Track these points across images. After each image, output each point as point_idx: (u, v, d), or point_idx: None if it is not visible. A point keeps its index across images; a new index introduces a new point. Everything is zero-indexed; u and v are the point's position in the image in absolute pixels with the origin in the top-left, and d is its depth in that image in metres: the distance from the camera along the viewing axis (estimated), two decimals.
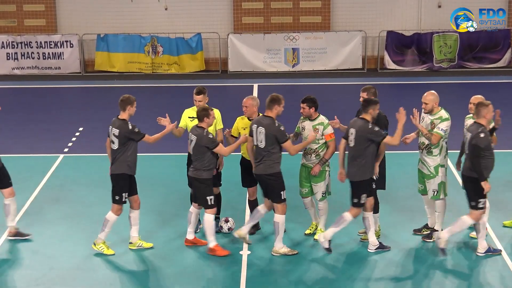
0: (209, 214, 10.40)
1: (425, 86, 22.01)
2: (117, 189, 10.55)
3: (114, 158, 10.49)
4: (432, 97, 10.57)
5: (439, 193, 10.69)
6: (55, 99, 21.76)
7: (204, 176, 10.35)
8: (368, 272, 10.06)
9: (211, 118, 10.31)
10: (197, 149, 10.29)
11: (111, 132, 10.44)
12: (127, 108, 10.45)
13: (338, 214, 10.46)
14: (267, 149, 10.16)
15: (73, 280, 9.95)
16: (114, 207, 10.57)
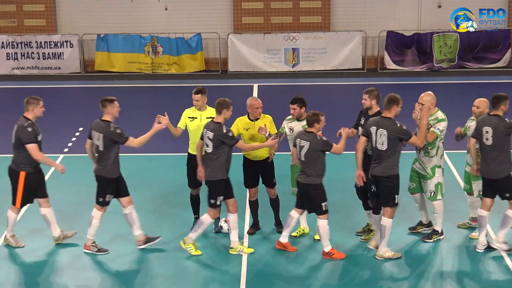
0: (323, 220, 10.23)
1: (425, 86, 22.04)
2: (214, 193, 10.33)
3: (209, 163, 10.22)
4: (429, 98, 10.56)
5: (436, 194, 10.69)
6: (55, 99, 21.75)
7: (318, 181, 10.17)
8: (368, 273, 10.07)
9: (321, 124, 10.11)
10: (310, 154, 10.05)
11: (205, 135, 10.15)
12: (222, 112, 10.18)
13: (336, 214, 10.46)
14: (389, 151, 10.00)
15: (71, 279, 9.95)
16: (211, 211, 10.35)
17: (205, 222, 10.44)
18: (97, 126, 10.38)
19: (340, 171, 12.81)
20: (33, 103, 10.52)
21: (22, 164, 10.48)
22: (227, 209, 10.49)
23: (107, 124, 10.29)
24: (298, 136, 10.16)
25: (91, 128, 10.44)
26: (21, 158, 10.50)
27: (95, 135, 10.35)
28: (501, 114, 10.12)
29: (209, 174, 10.28)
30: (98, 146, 10.35)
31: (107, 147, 10.29)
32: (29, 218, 12.03)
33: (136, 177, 13.96)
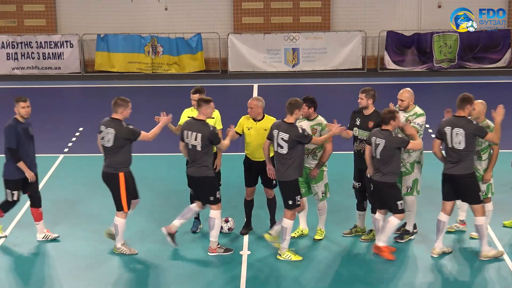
0: (396, 219, 10.11)
1: (425, 86, 22.15)
2: (292, 193, 10.19)
3: (283, 163, 10.07)
4: (408, 95, 10.60)
5: (412, 190, 10.70)
6: (55, 99, 21.76)
7: (393, 180, 10.11)
8: (368, 273, 10.06)
9: (397, 121, 10.06)
10: (386, 152, 9.96)
11: (278, 136, 10.04)
12: (294, 112, 10.08)
13: (336, 214, 10.46)
14: (466, 150, 9.98)
15: (73, 280, 9.95)
16: (288, 213, 10.18)
17: (288, 227, 10.21)
18: (279, 127, 10.12)
19: (340, 171, 12.80)
20: (122, 105, 10.41)
21: (120, 165, 10.30)
22: (285, 215, 10.25)
23: (293, 126, 10.05)
24: (373, 135, 10.08)
25: (276, 130, 10.16)
26: (118, 159, 10.29)
27: (284, 137, 10.09)
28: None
29: (285, 174, 10.10)
30: (282, 147, 10.05)
31: (290, 148, 10.03)
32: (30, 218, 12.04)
33: (136, 177, 13.95)
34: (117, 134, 10.25)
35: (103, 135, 10.33)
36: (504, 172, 12.43)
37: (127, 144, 10.31)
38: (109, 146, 10.28)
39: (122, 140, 10.23)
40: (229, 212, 11.72)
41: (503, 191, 12.63)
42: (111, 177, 10.34)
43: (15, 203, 10.94)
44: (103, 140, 10.33)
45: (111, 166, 10.33)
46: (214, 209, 10.37)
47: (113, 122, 10.37)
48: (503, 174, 12.93)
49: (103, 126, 10.38)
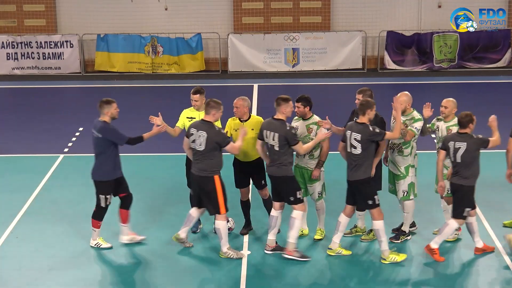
0: (454, 223, 10.13)
1: (425, 86, 22.14)
2: (370, 192, 10.13)
3: (355, 164, 10.04)
4: (405, 98, 10.60)
5: (409, 194, 10.70)
6: (55, 99, 21.77)
7: (472, 183, 10.07)
8: (367, 273, 10.07)
9: (474, 123, 10.03)
10: (468, 155, 9.91)
11: (351, 136, 9.98)
12: (366, 112, 10.02)
13: (336, 214, 10.44)
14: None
15: (73, 280, 9.95)
16: (375, 212, 10.10)
17: (381, 228, 10.14)
18: (352, 128, 10.07)
19: (340, 171, 12.79)
20: (215, 107, 10.11)
21: (214, 168, 10.11)
22: (372, 216, 10.17)
23: (366, 126, 9.99)
24: (451, 139, 10.03)
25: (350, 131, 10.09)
26: (212, 162, 10.09)
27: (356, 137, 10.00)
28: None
29: (362, 173, 10.04)
30: (355, 147, 10.01)
31: (364, 149, 10.01)
32: (30, 218, 12.05)
33: (136, 177, 13.97)
34: (209, 139, 10.03)
35: (194, 138, 10.12)
36: (503, 172, 12.43)
37: (216, 148, 10.09)
38: (201, 150, 10.09)
39: (213, 145, 10.03)
40: (229, 213, 11.69)
41: (503, 191, 12.64)
42: (206, 181, 10.16)
43: (107, 209, 10.69)
44: (194, 143, 10.13)
45: (204, 169, 10.11)
46: (296, 209, 10.26)
47: (204, 124, 10.12)
48: (504, 173, 12.93)
49: (194, 129, 10.14)
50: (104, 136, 10.30)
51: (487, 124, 10.26)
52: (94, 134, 10.40)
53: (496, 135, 10.14)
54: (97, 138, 10.37)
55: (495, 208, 11.91)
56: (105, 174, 10.48)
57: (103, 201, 10.59)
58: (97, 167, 10.52)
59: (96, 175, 10.57)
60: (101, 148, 10.39)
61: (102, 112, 10.38)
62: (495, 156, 10.23)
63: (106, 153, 10.37)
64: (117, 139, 10.37)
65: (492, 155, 12.14)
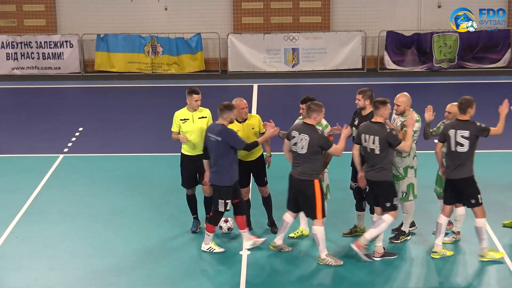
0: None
1: (425, 86, 22.14)
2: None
3: (459, 163, 9.97)
4: (404, 99, 10.57)
5: (408, 195, 10.69)
6: (55, 99, 21.76)
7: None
8: (367, 273, 10.06)
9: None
10: None
11: (457, 134, 9.89)
12: (467, 111, 9.98)
13: (336, 214, 10.45)
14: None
15: (73, 280, 9.95)
16: (479, 211, 10.08)
17: (483, 226, 10.12)
18: (457, 126, 10.01)
19: (340, 171, 12.78)
20: (316, 110, 10.02)
21: (314, 172, 10.01)
22: (475, 214, 10.13)
23: (471, 123, 9.97)
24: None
25: None
26: (313, 166, 9.99)
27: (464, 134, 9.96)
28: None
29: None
30: (463, 145, 9.97)
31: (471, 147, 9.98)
32: (30, 218, 12.04)
33: (136, 177, 13.97)
34: (311, 141, 9.91)
35: (295, 141, 10.03)
36: (505, 172, 12.47)
37: (320, 150, 10.00)
38: (303, 153, 9.98)
39: (315, 147, 9.93)
40: (229, 212, 11.70)
41: (502, 191, 12.64)
42: (306, 185, 10.03)
43: (223, 214, 10.52)
44: (295, 146, 10.02)
45: (304, 173, 9.99)
46: (392, 215, 10.17)
47: (307, 127, 10.02)
48: (504, 173, 12.96)
49: (296, 132, 10.05)
50: (224, 139, 10.10)
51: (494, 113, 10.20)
52: (212, 137, 10.19)
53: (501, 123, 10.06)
54: (216, 142, 10.15)
55: (495, 208, 11.90)
56: (226, 179, 10.27)
57: (221, 206, 10.33)
58: (218, 171, 10.25)
59: (216, 179, 10.31)
60: (221, 152, 10.16)
61: (221, 116, 10.20)
62: (495, 156, 10.23)
63: (225, 158, 10.15)
64: (236, 143, 10.15)
65: (492, 155, 12.14)
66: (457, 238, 10.87)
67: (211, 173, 10.38)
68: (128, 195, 13.00)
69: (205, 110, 11.14)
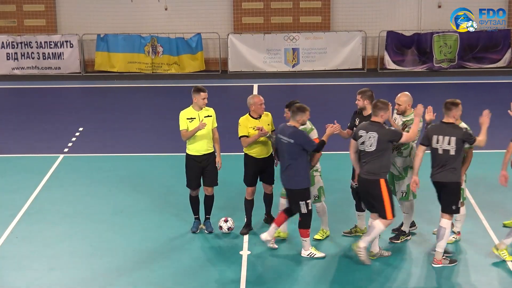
0: None
1: (425, 86, 22.14)
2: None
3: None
4: (405, 99, 10.59)
5: (408, 195, 10.70)
6: (55, 99, 21.76)
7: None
8: (367, 273, 10.06)
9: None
10: None
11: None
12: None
13: (336, 214, 10.45)
14: None
15: (73, 280, 9.95)
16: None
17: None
18: None
19: (340, 171, 12.80)
20: (383, 108, 9.98)
21: (381, 171, 9.97)
22: None
23: None
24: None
25: None
26: (381, 164, 9.96)
27: None
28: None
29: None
30: None
31: None
32: (30, 218, 12.04)
33: (136, 177, 13.98)
34: (381, 137, 9.91)
35: (363, 140, 9.98)
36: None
37: (389, 148, 10.00)
38: (371, 151, 9.93)
39: (385, 143, 9.92)
40: (229, 212, 11.73)
41: (503, 191, 12.63)
42: (372, 184, 9.98)
43: (312, 214, 10.35)
44: (363, 145, 9.97)
45: (371, 172, 9.95)
46: (448, 219, 10.13)
47: (374, 125, 9.99)
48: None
49: (363, 131, 10.00)
50: (296, 141, 10.04)
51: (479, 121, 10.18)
52: (284, 139, 10.14)
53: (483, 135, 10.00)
54: (288, 144, 10.10)
55: (495, 208, 11.91)
56: (304, 182, 10.21)
57: (304, 207, 10.23)
58: (292, 175, 10.16)
59: (292, 184, 10.22)
60: (293, 155, 10.10)
61: (293, 118, 10.14)
62: (495, 156, 10.22)
63: (298, 160, 10.11)
64: (308, 144, 10.10)
65: (492, 155, 12.13)
66: (457, 238, 10.88)
67: (284, 177, 10.26)
68: (128, 195, 13.00)
69: (210, 109, 11.18)
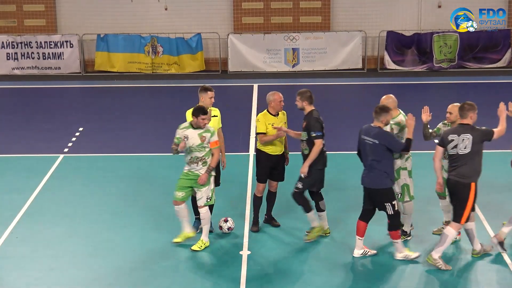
0: None
1: (425, 86, 22.14)
2: None
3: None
4: (390, 101, 10.58)
5: (403, 196, 10.71)
6: (55, 99, 21.76)
7: None
8: (366, 273, 10.07)
9: None
10: None
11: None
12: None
13: (336, 214, 10.44)
14: None
15: (73, 280, 9.95)
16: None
17: None
18: None
19: (340, 171, 12.82)
20: (471, 109, 9.90)
21: (474, 174, 9.89)
22: None
23: None
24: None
25: None
26: (473, 167, 9.88)
27: None
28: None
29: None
30: None
31: None
32: (30, 218, 12.05)
33: (136, 177, 13.97)
34: (475, 138, 9.84)
35: (456, 143, 9.90)
36: (504, 172, 12.45)
37: (481, 149, 9.90)
38: (465, 153, 9.85)
39: (479, 144, 9.85)
40: (229, 212, 11.73)
41: (503, 191, 12.64)
42: (462, 187, 9.87)
43: (399, 215, 10.27)
44: (455, 149, 9.88)
45: (465, 175, 9.84)
46: None
47: (465, 128, 9.92)
48: (503, 174, 12.96)
49: (453, 135, 9.91)
50: (381, 142, 9.98)
51: (488, 121, 10.18)
52: (368, 140, 10.08)
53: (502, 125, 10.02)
54: (373, 145, 10.01)
55: (495, 208, 11.91)
56: (388, 181, 10.15)
57: (390, 208, 10.15)
58: (377, 175, 10.09)
59: (376, 183, 10.14)
60: (377, 156, 10.03)
61: (377, 119, 10.07)
62: (495, 156, 10.21)
63: (383, 160, 10.04)
64: (394, 145, 10.05)
65: (492, 155, 12.12)
66: (458, 238, 10.88)
67: (367, 178, 10.18)
68: (128, 195, 13.00)
69: (216, 109, 11.21)
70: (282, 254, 10.56)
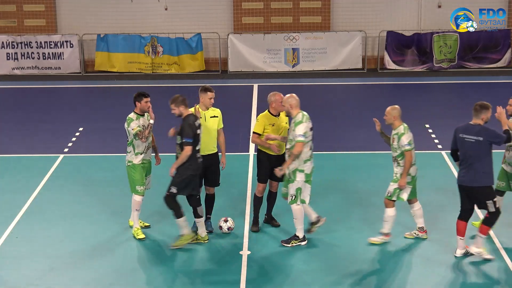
0: None
1: (425, 86, 22.13)
2: None
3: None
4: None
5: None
6: (55, 99, 21.76)
7: None
8: (366, 273, 10.07)
9: None
10: None
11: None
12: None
13: (336, 214, 10.43)
14: None
15: (73, 280, 9.96)
16: None
17: None
18: None
19: (340, 171, 12.81)
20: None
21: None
22: None
23: None
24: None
25: None
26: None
27: None
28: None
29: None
30: None
31: None
32: (30, 218, 12.05)
33: None
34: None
35: None
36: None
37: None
38: None
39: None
40: (229, 212, 11.73)
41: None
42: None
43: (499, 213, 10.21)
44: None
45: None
46: None
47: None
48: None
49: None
50: (486, 138, 9.88)
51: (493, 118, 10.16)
52: (469, 138, 9.98)
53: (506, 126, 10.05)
54: (476, 142, 9.91)
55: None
56: (490, 179, 10.08)
57: (492, 206, 10.09)
58: (478, 172, 10.01)
59: (479, 181, 10.05)
60: (480, 153, 9.94)
61: (477, 116, 10.00)
62: (495, 156, 10.20)
63: (484, 158, 9.95)
64: (498, 138, 9.93)
65: (492, 155, 12.12)
66: (421, 235, 10.92)
67: (467, 176, 10.09)
68: (128, 195, 12.95)
69: (216, 109, 11.23)
70: (282, 254, 10.56)
